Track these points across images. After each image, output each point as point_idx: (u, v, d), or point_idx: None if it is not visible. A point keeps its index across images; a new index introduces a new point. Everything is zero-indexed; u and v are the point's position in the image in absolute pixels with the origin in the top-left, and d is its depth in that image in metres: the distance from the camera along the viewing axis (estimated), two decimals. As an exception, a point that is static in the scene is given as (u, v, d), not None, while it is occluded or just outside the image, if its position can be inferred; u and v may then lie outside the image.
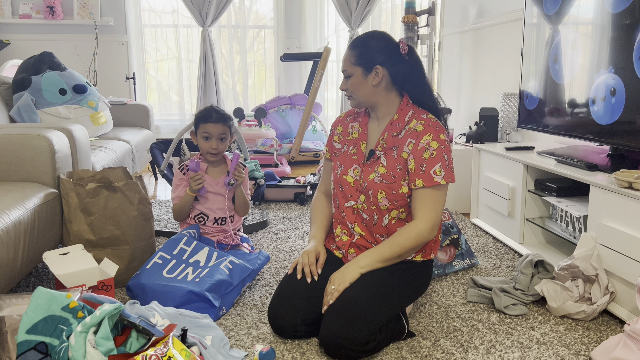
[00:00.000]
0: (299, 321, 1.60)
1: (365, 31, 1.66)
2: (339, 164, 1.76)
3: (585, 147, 2.37)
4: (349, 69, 1.65)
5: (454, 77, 4.24)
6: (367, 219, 1.70)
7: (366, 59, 1.62)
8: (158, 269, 1.87)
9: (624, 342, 1.43)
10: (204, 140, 2.15)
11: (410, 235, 1.60)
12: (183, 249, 1.96)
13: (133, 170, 3.33)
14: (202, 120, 2.15)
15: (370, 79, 1.63)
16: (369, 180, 1.66)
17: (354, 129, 1.76)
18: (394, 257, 1.61)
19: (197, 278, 1.83)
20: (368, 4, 5.02)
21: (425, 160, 1.60)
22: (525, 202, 2.34)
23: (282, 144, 4.71)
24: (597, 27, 2.02)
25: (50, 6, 4.85)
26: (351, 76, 1.65)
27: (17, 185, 1.90)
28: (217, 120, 2.14)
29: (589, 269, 1.74)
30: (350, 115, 1.81)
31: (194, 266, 1.90)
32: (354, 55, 1.64)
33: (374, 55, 1.62)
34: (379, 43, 1.64)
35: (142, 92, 5.28)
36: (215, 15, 5.04)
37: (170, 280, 1.81)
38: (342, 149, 1.77)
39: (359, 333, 1.47)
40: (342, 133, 1.79)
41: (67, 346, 1.22)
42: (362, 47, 1.63)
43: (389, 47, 1.64)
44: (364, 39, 1.65)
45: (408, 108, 1.68)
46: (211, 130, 2.14)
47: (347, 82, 1.67)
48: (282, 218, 2.97)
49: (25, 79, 3.08)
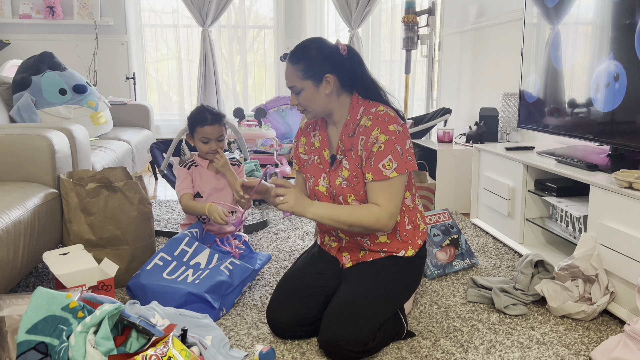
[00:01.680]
0: (296, 321, 1.61)
1: (298, 44, 1.64)
2: (309, 176, 1.74)
3: (585, 147, 2.37)
4: (298, 85, 1.60)
5: (454, 77, 4.23)
6: None
7: (313, 70, 1.57)
8: (158, 270, 1.86)
9: (624, 342, 1.43)
10: (202, 144, 2.19)
11: (371, 216, 1.56)
12: (184, 251, 1.95)
13: (133, 170, 3.33)
14: (198, 123, 2.17)
15: (322, 89, 1.59)
16: (336, 186, 1.65)
17: (315, 138, 1.74)
18: (345, 224, 1.56)
19: (197, 280, 1.83)
20: (368, 4, 5.02)
21: (374, 154, 1.57)
22: (525, 202, 2.34)
23: (282, 144, 4.71)
24: (597, 15, 2.02)
25: (50, 6, 4.85)
26: (301, 91, 1.60)
27: (17, 185, 1.90)
28: (213, 122, 2.16)
29: (589, 269, 1.74)
30: (310, 124, 1.79)
31: (194, 268, 1.89)
32: (299, 70, 1.58)
33: (320, 65, 1.57)
34: (321, 52, 1.59)
35: (142, 92, 5.28)
36: (215, 15, 5.04)
37: (170, 281, 1.81)
38: (309, 160, 1.75)
39: (358, 333, 1.48)
40: (306, 144, 1.77)
41: (67, 346, 1.22)
42: (306, 60, 1.58)
43: (331, 53, 1.60)
44: (303, 50, 1.60)
45: (358, 106, 1.64)
46: (209, 133, 2.17)
47: (298, 97, 1.62)
48: (282, 218, 2.97)
49: (25, 79, 3.08)
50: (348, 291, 1.58)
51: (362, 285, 1.59)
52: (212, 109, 2.22)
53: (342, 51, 1.61)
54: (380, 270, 1.64)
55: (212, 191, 2.28)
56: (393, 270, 1.65)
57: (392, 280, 1.63)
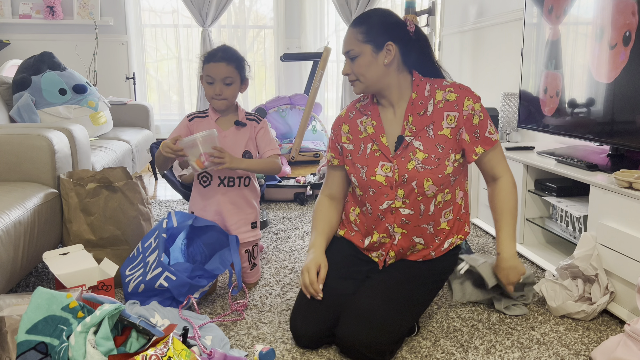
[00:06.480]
0: (322, 330, 1.54)
1: (364, 11, 1.54)
2: (359, 166, 1.59)
3: (585, 147, 2.37)
4: (356, 48, 1.48)
5: (454, 77, 4.23)
6: (410, 214, 1.56)
7: (375, 35, 1.47)
8: (128, 262, 1.86)
9: (624, 342, 1.43)
10: (208, 85, 1.84)
11: (511, 192, 1.61)
12: (150, 245, 1.84)
13: (133, 170, 3.33)
14: (206, 60, 1.85)
15: (382, 57, 1.48)
16: (409, 170, 1.52)
17: (365, 124, 1.60)
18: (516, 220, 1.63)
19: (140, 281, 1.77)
20: (368, 4, 5.02)
21: (477, 125, 1.53)
22: (525, 202, 2.34)
23: (282, 144, 4.70)
24: (597, 15, 2.02)
25: (50, 6, 4.85)
26: (358, 56, 1.49)
27: (17, 185, 1.90)
28: (220, 60, 1.81)
29: (588, 269, 1.74)
30: (352, 110, 1.65)
31: (144, 267, 1.79)
32: (360, 33, 1.47)
33: (383, 31, 1.47)
34: (386, 19, 1.49)
35: (142, 92, 5.28)
36: (215, 15, 5.04)
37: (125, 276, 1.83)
38: (358, 150, 1.61)
39: (381, 346, 1.46)
40: (351, 132, 1.63)
41: (67, 346, 1.22)
42: (368, 24, 1.48)
43: (397, 24, 1.50)
44: (368, 14, 1.50)
45: (423, 82, 1.55)
46: (213, 72, 1.82)
47: (353, 64, 1.50)
48: (282, 218, 2.97)
49: (25, 79, 3.08)
50: (379, 290, 1.54)
51: (394, 289, 1.55)
52: (230, 48, 1.87)
53: (409, 27, 1.52)
54: (416, 279, 1.60)
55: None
56: (428, 281, 1.62)
57: (424, 293, 1.61)
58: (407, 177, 1.53)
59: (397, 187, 1.55)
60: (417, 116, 1.54)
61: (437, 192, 1.55)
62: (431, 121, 1.53)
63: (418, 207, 1.56)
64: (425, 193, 1.54)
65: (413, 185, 1.53)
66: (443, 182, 1.53)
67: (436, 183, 1.52)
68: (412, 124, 1.54)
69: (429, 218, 1.58)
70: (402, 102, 1.56)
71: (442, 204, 1.58)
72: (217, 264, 1.84)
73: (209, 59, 1.84)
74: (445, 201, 1.58)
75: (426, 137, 1.53)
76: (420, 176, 1.52)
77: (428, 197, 1.55)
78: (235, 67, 1.84)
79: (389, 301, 1.52)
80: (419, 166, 1.52)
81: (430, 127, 1.53)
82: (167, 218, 1.86)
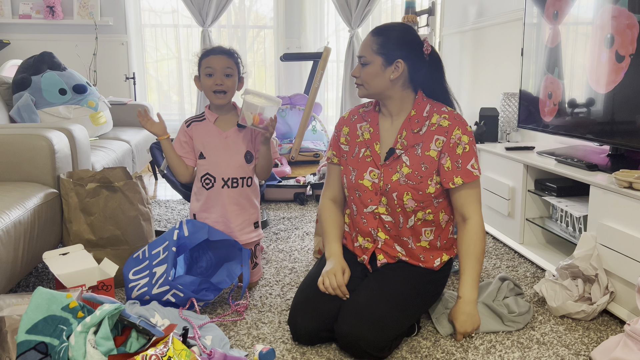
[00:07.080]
0: (320, 326, 1.56)
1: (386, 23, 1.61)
2: (351, 169, 1.66)
3: (585, 147, 2.37)
4: (368, 57, 1.55)
5: (454, 77, 4.23)
6: (391, 222, 1.62)
7: (389, 49, 1.53)
8: (132, 264, 1.81)
9: (624, 342, 1.43)
10: (207, 78, 1.84)
11: (478, 237, 1.59)
12: (157, 253, 1.81)
13: (133, 170, 3.33)
14: (204, 54, 1.88)
15: (389, 72, 1.54)
16: (392, 181, 1.58)
17: (363, 130, 1.66)
18: (482, 265, 1.62)
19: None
20: (368, 4, 5.02)
21: (460, 155, 1.55)
22: (525, 202, 2.34)
23: (282, 144, 4.70)
24: (597, 15, 2.02)
25: (50, 6, 4.85)
26: (368, 64, 1.55)
27: (17, 185, 1.90)
28: (220, 52, 1.86)
29: (588, 269, 1.74)
30: (355, 114, 1.71)
31: (150, 277, 1.77)
32: (376, 43, 1.54)
33: (397, 47, 1.53)
34: (404, 36, 1.55)
35: (142, 92, 5.28)
36: (215, 15, 5.04)
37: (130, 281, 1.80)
38: (352, 152, 1.68)
39: (380, 342, 1.47)
40: (350, 134, 1.69)
41: (67, 346, 1.22)
42: (386, 37, 1.54)
43: (413, 43, 1.56)
44: (389, 28, 1.56)
45: (424, 102, 1.60)
46: (214, 63, 1.84)
47: (363, 69, 1.57)
48: (282, 218, 2.97)
49: (25, 79, 3.08)
50: (377, 288, 1.55)
51: (392, 287, 1.56)
52: (228, 47, 1.93)
53: (425, 49, 1.57)
54: (415, 278, 1.61)
55: (217, 151, 1.91)
56: (427, 281, 1.63)
57: (423, 293, 1.62)
58: (389, 187, 1.59)
59: (381, 195, 1.61)
60: (411, 132, 1.59)
61: (416, 209, 1.59)
62: (422, 140, 1.58)
63: (397, 218, 1.62)
64: (404, 206, 1.59)
65: (394, 196, 1.59)
66: (423, 199, 1.58)
67: (415, 199, 1.58)
68: (405, 138, 1.60)
69: (407, 231, 1.63)
70: (401, 115, 1.62)
71: (422, 222, 1.62)
72: (224, 277, 1.86)
73: (208, 52, 1.88)
74: (426, 220, 1.62)
75: (414, 154, 1.59)
76: (402, 189, 1.58)
77: (407, 211, 1.60)
78: (234, 61, 1.90)
79: (388, 298, 1.53)
80: (402, 179, 1.58)
81: (420, 145, 1.58)
82: (179, 228, 1.81)
